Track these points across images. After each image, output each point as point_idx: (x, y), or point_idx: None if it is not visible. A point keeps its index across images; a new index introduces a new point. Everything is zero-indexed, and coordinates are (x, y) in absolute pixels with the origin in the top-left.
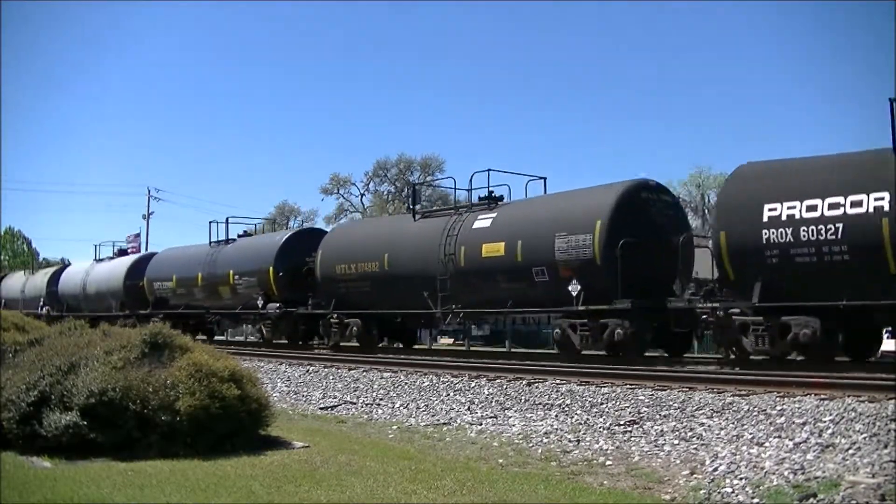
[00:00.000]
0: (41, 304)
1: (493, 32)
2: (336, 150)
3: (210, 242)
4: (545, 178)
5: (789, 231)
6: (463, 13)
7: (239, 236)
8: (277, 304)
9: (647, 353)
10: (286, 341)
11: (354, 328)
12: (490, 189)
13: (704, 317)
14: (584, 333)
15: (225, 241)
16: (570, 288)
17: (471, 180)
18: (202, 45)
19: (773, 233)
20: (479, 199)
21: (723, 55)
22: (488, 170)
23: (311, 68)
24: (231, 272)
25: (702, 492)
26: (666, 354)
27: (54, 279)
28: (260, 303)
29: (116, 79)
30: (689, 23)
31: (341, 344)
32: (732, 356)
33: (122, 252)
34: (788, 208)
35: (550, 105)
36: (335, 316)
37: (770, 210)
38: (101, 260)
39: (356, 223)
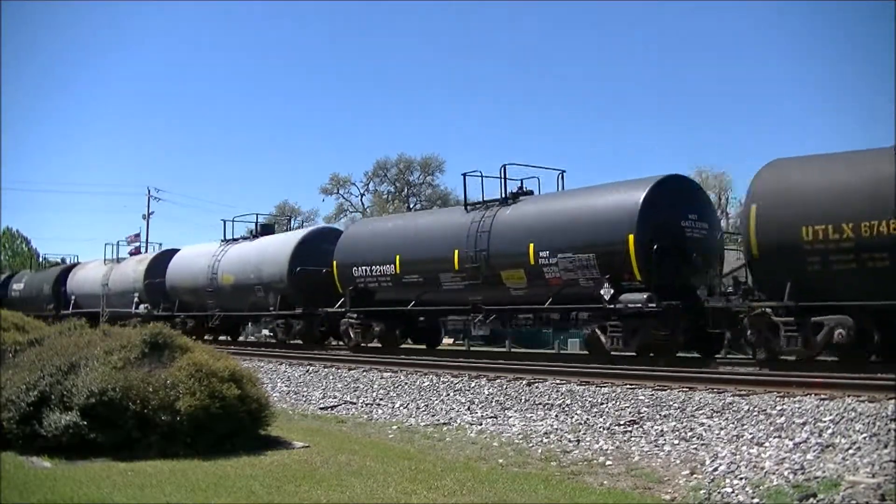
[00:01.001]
0: (135, 300)
1: (494, 32)
2: (336, 150)
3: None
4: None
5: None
6: (463, 13)
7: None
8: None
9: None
10: None
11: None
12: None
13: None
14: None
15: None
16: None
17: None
18: (202, 45)
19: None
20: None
21: (724, 55)
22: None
23: (311, 68)
24: None
25: (702, 492)
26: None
27: (158, 267)
28: None
29: (116, 78)
30: (689, 22)
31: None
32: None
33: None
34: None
35: (551, 105)
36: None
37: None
38: (232, 240)
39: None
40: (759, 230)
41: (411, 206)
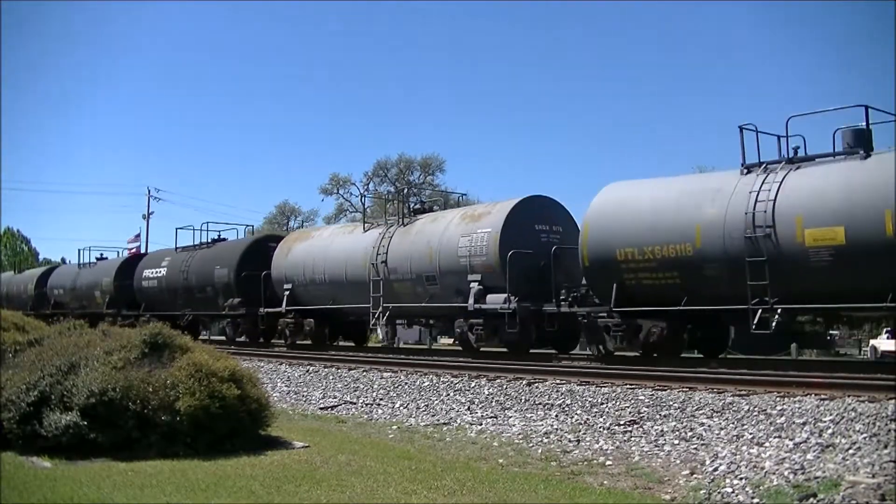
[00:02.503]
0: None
1: (494, 32)
2: (336, 150)
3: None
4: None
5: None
6: (464, 13)
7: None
8: None
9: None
10: None
11: None
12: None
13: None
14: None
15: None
16: None
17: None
18: (202, 45)
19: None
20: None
21: (725, 54)
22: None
23: (311, 68)
24: None
25: (702, 492)
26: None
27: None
28: None
29: (117, 78)
30: (689, 22)
31: None
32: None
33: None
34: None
35: (551, 105)
36: None
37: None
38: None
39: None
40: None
41: (412, 206)
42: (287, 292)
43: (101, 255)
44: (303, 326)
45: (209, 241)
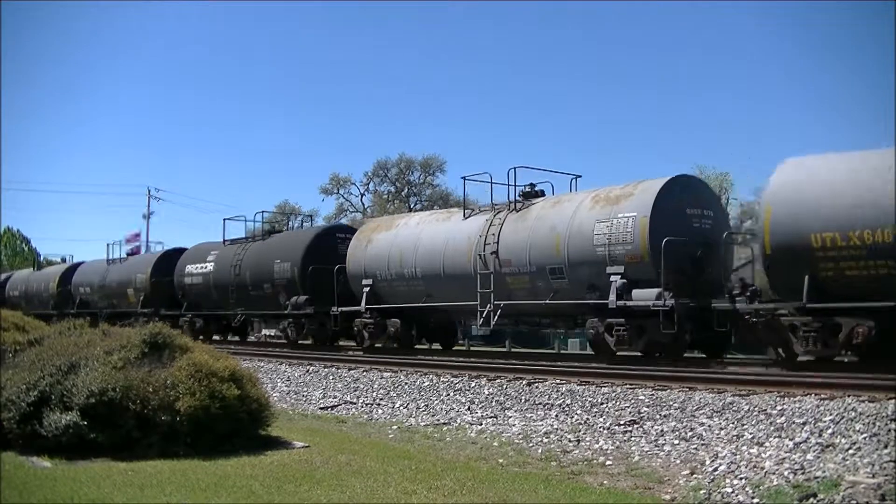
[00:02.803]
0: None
1: (495, 32)
2: (336, 150)
3: None
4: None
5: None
6: (464, 13)
7: None
8: None
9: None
10: None
11: None
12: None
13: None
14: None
15: None
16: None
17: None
18: (202, 44)
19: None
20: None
21: (724, 54)
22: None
23: (311, 68)
24: None
25: (702, 492)
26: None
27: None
28: None
29: (116, 78)
30: (689, 22)
31: None
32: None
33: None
34: None
35: (551, 104)
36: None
37: None
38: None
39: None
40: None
41: (412, 206)
42: (367, 289)
43: (132, 249)
44: (385, 327)
45: (263, 233)
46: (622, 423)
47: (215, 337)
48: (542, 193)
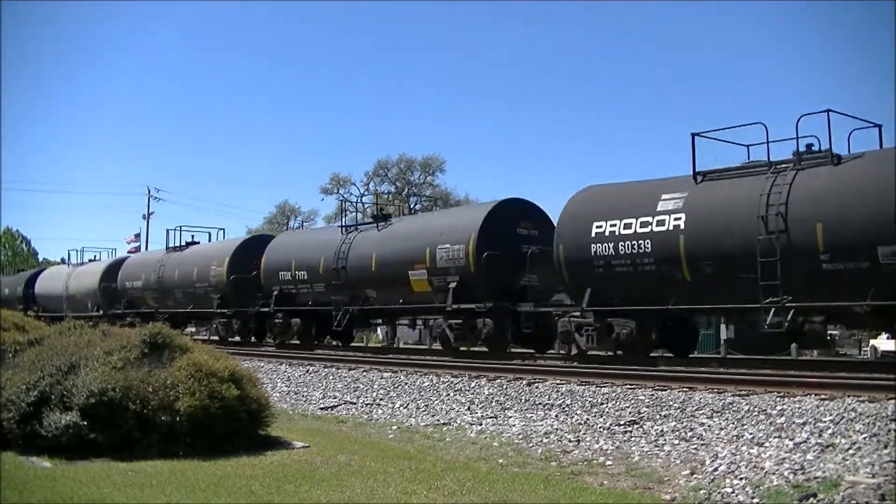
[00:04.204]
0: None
1: (495, 31)
2: (336, 150)
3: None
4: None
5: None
6: (464, 12)
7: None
8: None
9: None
10: None
11: None
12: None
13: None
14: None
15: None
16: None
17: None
18: (202, 44)
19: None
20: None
21: (724, 54)
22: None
23: (311, 68)
24: None
25: (702, 492)
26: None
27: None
28: None
29: (117, 78)
30: (689, 21)
31: None
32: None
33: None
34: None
35: (551, 104)
36: None
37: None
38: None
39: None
40: None
41: (412, 206)
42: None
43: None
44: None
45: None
46: (622, 423)
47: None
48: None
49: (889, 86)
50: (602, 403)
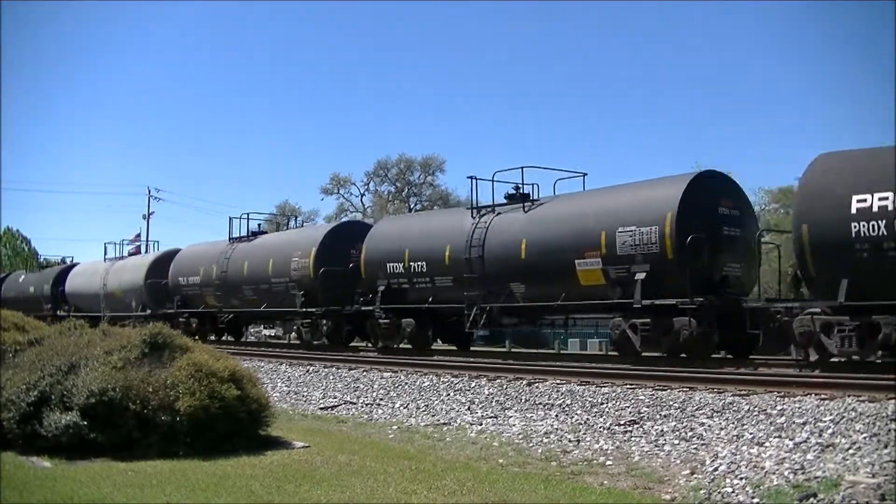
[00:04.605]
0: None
1: (495, 31)
2: (336, 150)
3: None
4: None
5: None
6: (464, 12)
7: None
8: None
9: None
10: None
11: None
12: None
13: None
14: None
15: None
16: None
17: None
18: (202, 44)
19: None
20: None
21: (725, 54)
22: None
23: (311, 68)
24: None
25: (702, 492)
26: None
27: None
28: None
29: (116, 78)
30: (689, 21)
31: None
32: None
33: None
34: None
35: (551, 104)
36: None
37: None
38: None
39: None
40: None
41: (412, 206)
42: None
43: (259, 226)
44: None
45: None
46: (622, 423)
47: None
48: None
49: (889, 86)
50: (602, 403)
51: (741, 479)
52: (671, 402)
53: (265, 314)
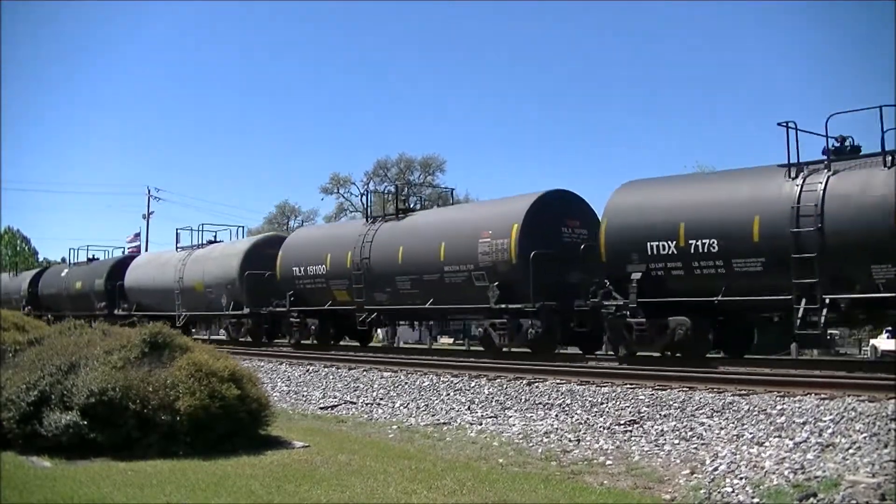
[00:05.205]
0: None
1: (495, 31)
2: (336, 150)
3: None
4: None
5: None
6: (464, 12)
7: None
8: None
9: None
10: None
11: None
12: None
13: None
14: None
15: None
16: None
17: None
18: (202, 44)
19: None
20: None
21: (724, 54)
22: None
23: (311, 68)
24: None
25: (702, 491)
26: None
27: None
28: None
29: (116, 78)
30: (689, 21)
31: None
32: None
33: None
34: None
35: (551, 103)
36: None
37: None
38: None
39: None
40: None
41: (412, 205)
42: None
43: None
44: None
45: None
46: (622, 422)
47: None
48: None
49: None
50: (602, 403)
51: (741, 478)
52: (671, 402)
53: (426, 312)
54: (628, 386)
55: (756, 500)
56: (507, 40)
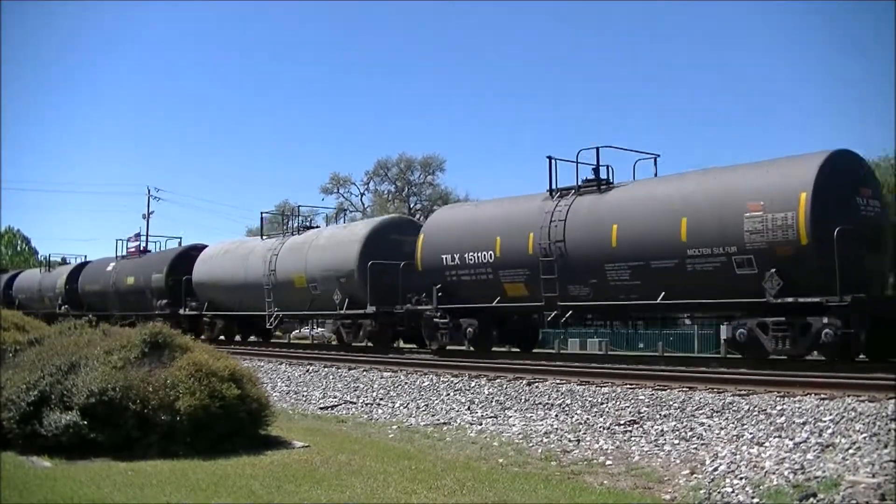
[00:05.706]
0: None
1: (496, 31)
2: (336, 150)
3: None
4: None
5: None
6: (464, 12)
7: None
8: None
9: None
10: None
11: None
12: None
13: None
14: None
15: None
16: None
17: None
18: (202, 44)
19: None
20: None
21: (726, 53)
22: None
23: (311, 67)
24: None
25: (702, 491)
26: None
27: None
28: None
29: (116, 77)
30: (689, 21)
31: None
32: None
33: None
34: None
35: (551, 103)
36: None
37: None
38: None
39: None
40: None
41: (412, 205)
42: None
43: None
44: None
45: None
46: (622, 422)
47: None
48: None
49: (889, 86)
50: (602, 403)
51: (741, 478)
52: (671, 402)
53: (652, 309)
54: (628, 386)
55: (756, 500)
56: (507, 40)
